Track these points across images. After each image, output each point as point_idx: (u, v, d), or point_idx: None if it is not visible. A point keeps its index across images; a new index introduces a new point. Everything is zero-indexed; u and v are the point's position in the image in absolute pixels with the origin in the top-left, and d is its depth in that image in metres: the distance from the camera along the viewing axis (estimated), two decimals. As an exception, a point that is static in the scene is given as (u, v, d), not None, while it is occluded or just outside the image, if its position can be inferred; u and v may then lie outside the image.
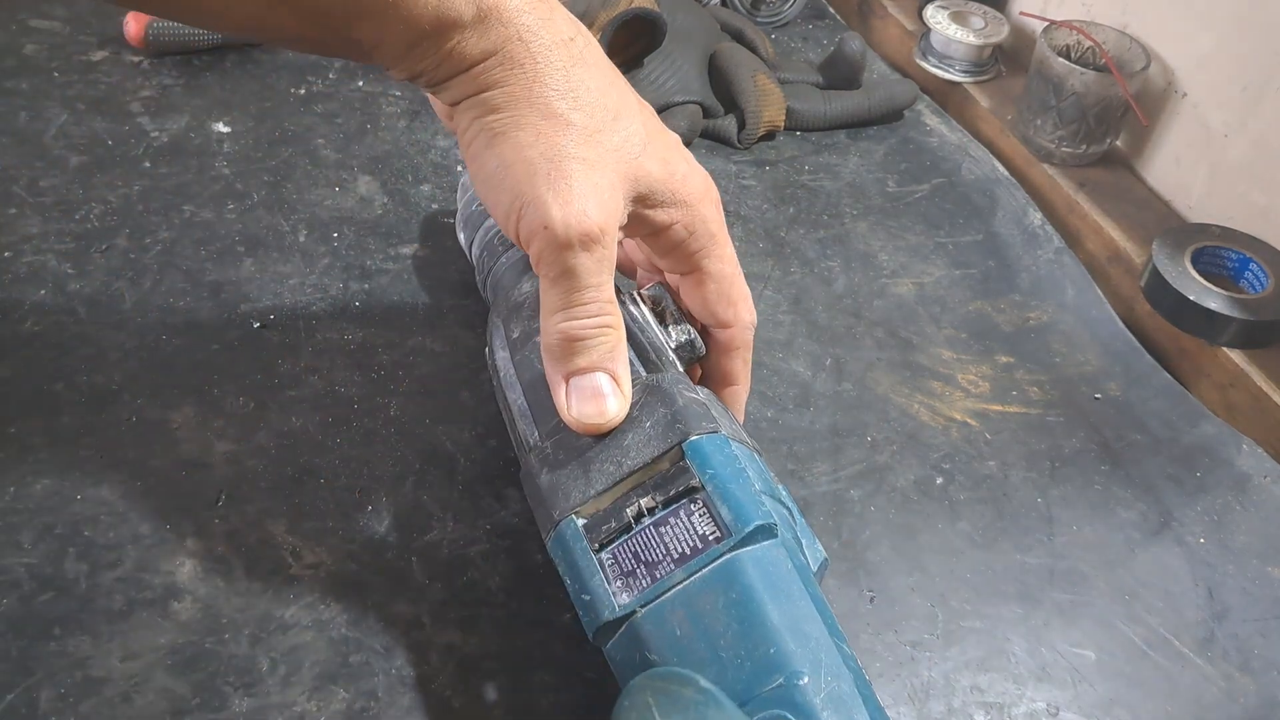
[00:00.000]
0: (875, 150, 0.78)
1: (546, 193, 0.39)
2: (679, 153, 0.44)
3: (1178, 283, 0.63)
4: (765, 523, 0.37)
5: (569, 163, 0.39)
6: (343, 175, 0.68)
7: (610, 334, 0.41)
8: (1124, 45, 0.73)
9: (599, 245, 0.39)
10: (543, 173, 0.39)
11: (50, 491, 0.47)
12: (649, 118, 0.44)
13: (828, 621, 0.36)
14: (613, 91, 0.42)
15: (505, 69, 0.39)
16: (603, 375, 0.41)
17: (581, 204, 0.39)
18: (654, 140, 0.43)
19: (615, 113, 0.41)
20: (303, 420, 0.52)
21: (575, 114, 0.40)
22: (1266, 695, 0.46)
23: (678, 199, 0.43)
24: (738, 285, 0.46)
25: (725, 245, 0.45)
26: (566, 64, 0.40)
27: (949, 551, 0.51)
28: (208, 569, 0.46)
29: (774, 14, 0.90)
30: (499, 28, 0.39)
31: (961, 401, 0.59)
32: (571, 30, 0.41)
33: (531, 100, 0.39)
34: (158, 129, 0.70)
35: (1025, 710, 0.45)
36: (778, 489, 0.41)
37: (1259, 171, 0.67)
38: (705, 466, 0.38)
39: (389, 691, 0.42)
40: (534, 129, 0.39)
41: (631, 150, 0.41)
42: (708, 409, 0.41)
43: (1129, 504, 0.54)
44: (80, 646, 0.42)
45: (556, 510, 0.40)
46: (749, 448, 0.41)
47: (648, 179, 0.42)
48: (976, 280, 0.67)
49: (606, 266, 0.40)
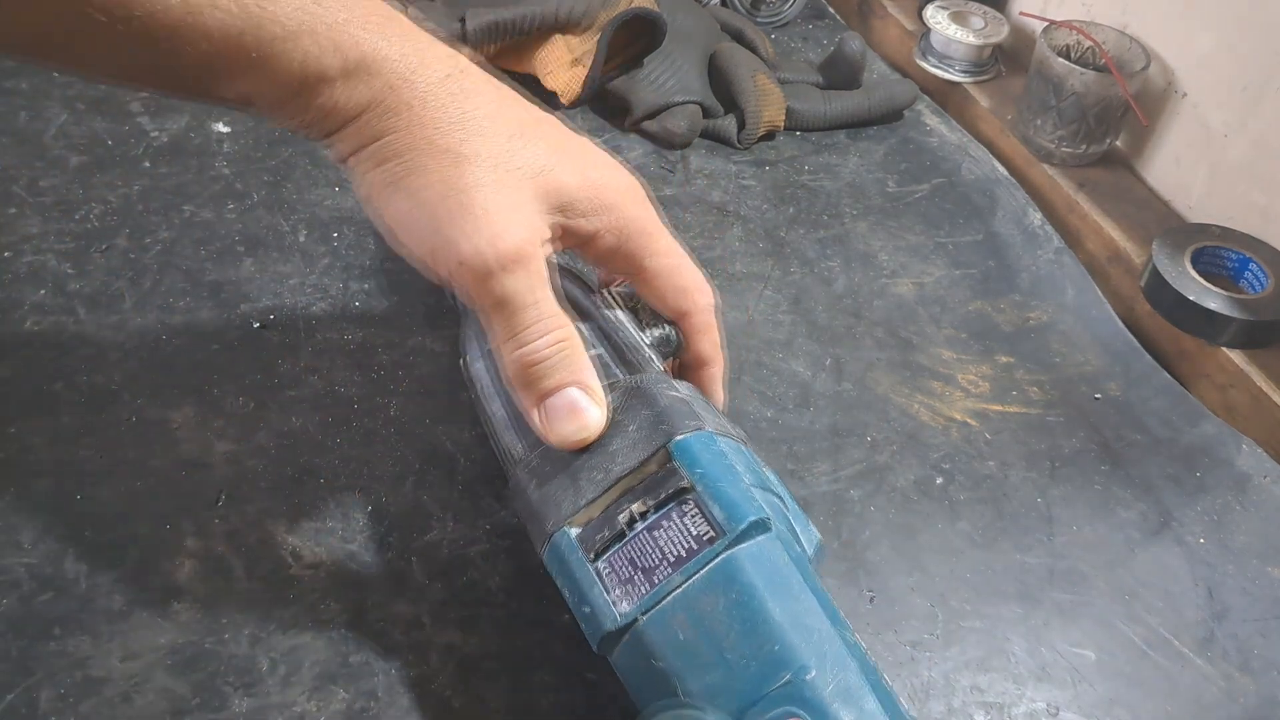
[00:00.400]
0: (875, 150, 0.78)
1: (451, 231, 0.38)
2: (594, 157, 0.43)
3: (1178, 283, 0.63)
4: (759, 517, 0.37)
5: (470, 194, 0.38)
6: (342, 175, 0.68)
7: (566, 346, 0.40)
8: (1124, 45, 0.73)
9: (522, 265, 0.39)
10: (444, 213, 0.38)
11: (50, 491, 0.47)
12: (553, 130, 0.42)
13: (829, 611, 0.36)
14: (507, 113, 0.41)
15: (387, 118, 0.38)
16: (573, 390, 0.40)
17: (491, 230, 0.38)
18: (564, 151, 0.42)
19: (514, 133, 0.40)
20: (303, 420, 0.52)
21: (468, 145, 0.39)
22: (1266, 695, 0.46)
23: (600, 205, 0.42)
24: (685, 273, 0.45)
25: (660, 238, 0.44)
26: (449, 99, 0.39)
27: (949, 551, 0.51)
28: (208, 569, 0.46)
29: (774, 14, 0.90)
30: (370, 79, 0.38)
31: (961, 401, 0.59)
32: (449, 66, 0.40)
33: (420, 144, 0.38)
34: (158, 129, 0.70)
35: (1025, 710, 0.45)
36: (767, 477, 0.41)
37: (1259, 171, 0.67)
38: (694, 466, 0.38)
39: (389, 691, 0.42)
40: (428, 172, 0.38)
41: (539, 165, 0.40)
42: (690, 406, 0.41)
43: (1129, 504, 0.54)
44: (80, 646, 0.42)
45: (549, 523, 0.39)
46: (735, 439, 0.41)
47: (564, 191, 0.41)
48: (976, 280, 0.67)
49: (539, 282, 0.39)
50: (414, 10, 0.45)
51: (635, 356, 0.44)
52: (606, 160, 0.44)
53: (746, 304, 0.63)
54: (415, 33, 0.39)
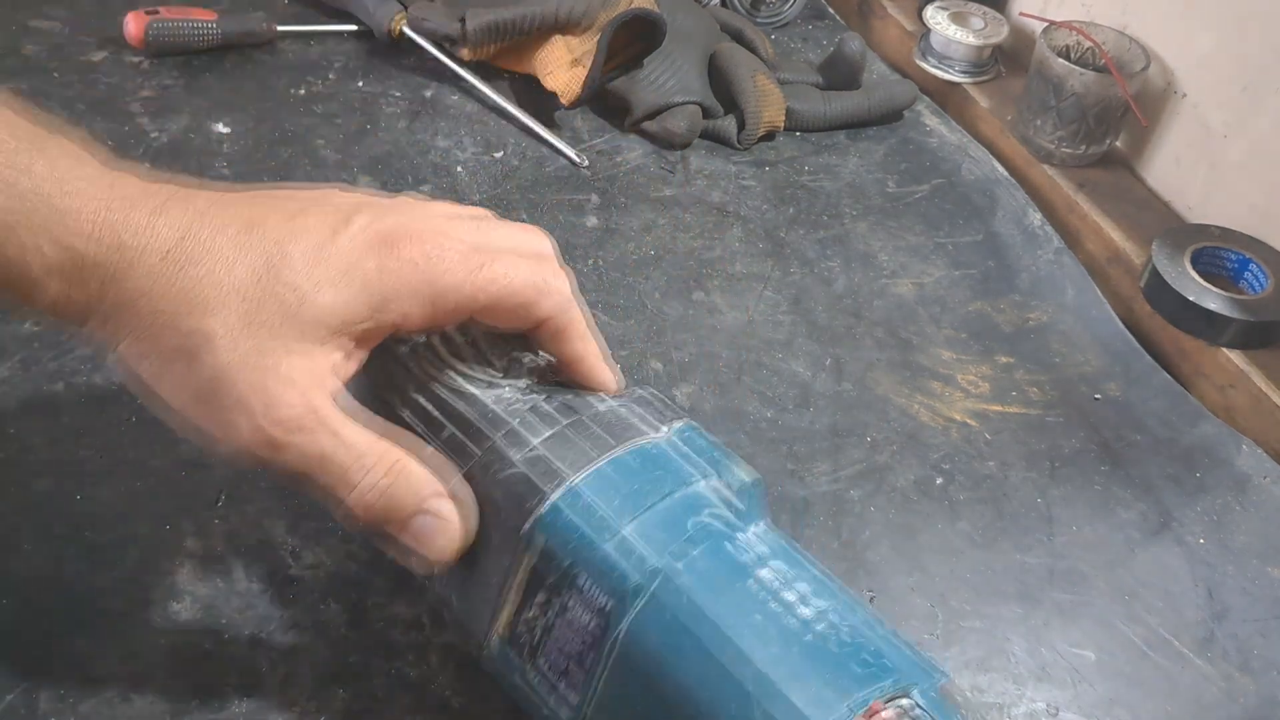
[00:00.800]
0: (875, 151, 0.78)
1: (224, 418, 0.35)
2: (361, 247, 0.37)
3: (1177, 283, 0.63)
4: (637, 582, 0.34)
5: (228, 377, 0.35)
6: (343, 176, 0.68)
7: (393, 475, 0.36)
8: (1123, 46, 0.73)
9: (310, 422, 0.35)
10: (210, 405, 0.35)
11: (50, 491, 0.47)
12: (310, 239, 0.36)
13: (756, 632, 0.33)
14: (246, 257, 0.36)
15: (118, 316, 0.35)
16: (417, 519, 0.36)
17: (261, 405, 0.35)
18: (324, 262, 0.36)
19: (259, 274, 0.35)
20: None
21: (207, 323, 0.35)
22: (1266, 695, 0.46)
23: (381, 299, 0.36)
24: (519, 287, 0.38)
25: (471, 268, 0.37)
26: (175, 276, 0.35)
27: (949, 551, 0.51)
28: (208, 569, 0.46)
29: (774, 14, 0.91)
30: (85, 283, 0.35)
31: (961, 402, 0.59)
32: (175, 234, 0.35)
33: (160, 338, 0.35)
34: (158, 129, 0.70)
35: (1025, 710, 0.45)
36: (657, 452, 0.37)
37: (1258, 172, 0.67)
38: (563, 544, 0.35)
39: (389, 691, 0.42)
40: (178, 366, 0.35)
41: (294, 301, 0.35)
42: (546, 461, 0.37)
43: (1129, 504, 0.54)
44: (80, 646, 0.42)
45: (477, 636, 0.38)
46: (606, 453, 0.37)
47: (333, 312, 0.36)
48: (976, 280, 0.67)
49: (336, 427, 0.36)
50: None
51: (481, 418, 0.39)
52: (382, 232, 0.37)
53: (746, 304, 0.63)
54: (138, 202, 0.35)
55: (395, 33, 0.78)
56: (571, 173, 0.72)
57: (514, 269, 0.38)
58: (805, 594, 0.34)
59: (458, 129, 0.74)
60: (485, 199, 0.68)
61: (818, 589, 0.35)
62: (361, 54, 0.80)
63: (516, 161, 0.72)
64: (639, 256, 0.66)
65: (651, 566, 0.34)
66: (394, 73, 0.78)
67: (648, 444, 0.38)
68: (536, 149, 0.73)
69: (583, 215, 0.68)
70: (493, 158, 0.72)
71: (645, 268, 0.65)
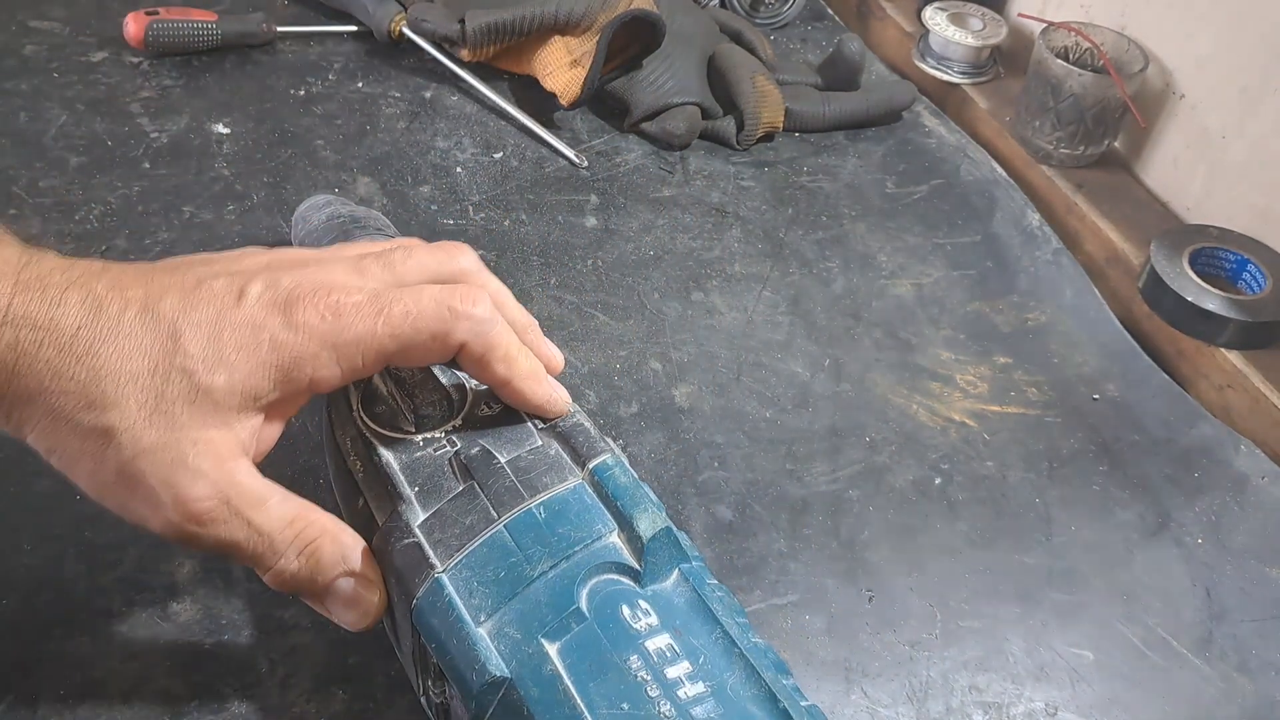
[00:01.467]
0: (874, 151, 0.78)
1: (138, 510, 0.35)
2: (268, 315, 0.36)
3: (1176, 284, 0.63)
4: (484, 685, 0.32)
5: (134, 470, 0.35)
6: (342, 176, 0.68)
7: (307, 558, 0.37)
8: (1122, 47, 0.73)
9: (223, 510, 0.35)
10: (121, 498, 0.35)
11: (50, 491, 0.47)
12: (212, 308, 0.36)
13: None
14: (149, 334, 0.35)
15: (21, 409, 0.35)
16: (340, 583, 0.37)
17: (171, 498, 0.35)
18: (225, 336, 0.35)
19: (163, 351, 0.35)
20: (302, 420, 0.52)
21: (111, 415, 0.34)
22: (1264, 695, 0.47)
23: (293, 367, 0.36)
24: (428, 317, 0.37)
25: (370, 316, 0.36)
26: (78, 363, 0.34)
27: (947, 551, 0.51)
28: (208, 569, 0.46)
29: (773, 15, 0.91)
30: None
31: (960, 402, 0.59)
32: (77, 316, 0.34)
33: (65, 431, 0.35)
34: (157, 130, 0.70)
35: (1024, 710, 0.45)
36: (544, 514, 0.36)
37: (1257, 173, 0.67)
38: (429, 638, 0.35)
39: (388, 692, 0.42)
40: (86, 461, 0.35)
41: (196, 384, 0.35)
42: (417, 549, 0.36)
43: (1127, 504, 0.54)
44: (80, 647, 0.42)
45: (414, 687, 0.39)
46: (487, 528, 0.36)
47: (244, 388, 0.36)
48: (975, 281, 0.67)
49: (250, 506, 0.36)
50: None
51: (388, 486, 0.38)
52: (277, 298, 0.36)
53: (745, 305, 0.63)
54: (39, 294, 0.34)
55: (395, 33, 0.79)
56: (571, 173, 0.72)
57: (418, 304, 0.37)
58: (689, 672, 0.33)
59: (457, 130, 0.74)
60: (485, 199, 0.68)
61: (707, 662, 0.33)
62: (361, 55, 0.80)
63: (516, 162, 0.72)
64: (638, 257, 0.66)
65: (494, 676, 0.32)
66: (393, 73, 0.79)
67: (552, 498, 0.36)
68: (536, 150, 0.73)
69: (582, 216, 0.68)
70: (492, 158, 0.72)
71: (644, 268, 0.65)
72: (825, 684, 0.45)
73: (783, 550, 0.50)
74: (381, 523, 0.38)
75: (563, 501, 0.37)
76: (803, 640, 0.46)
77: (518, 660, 0.33)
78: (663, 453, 0.54)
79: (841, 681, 0.45)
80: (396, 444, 0.40)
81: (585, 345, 0.59)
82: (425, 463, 0.39)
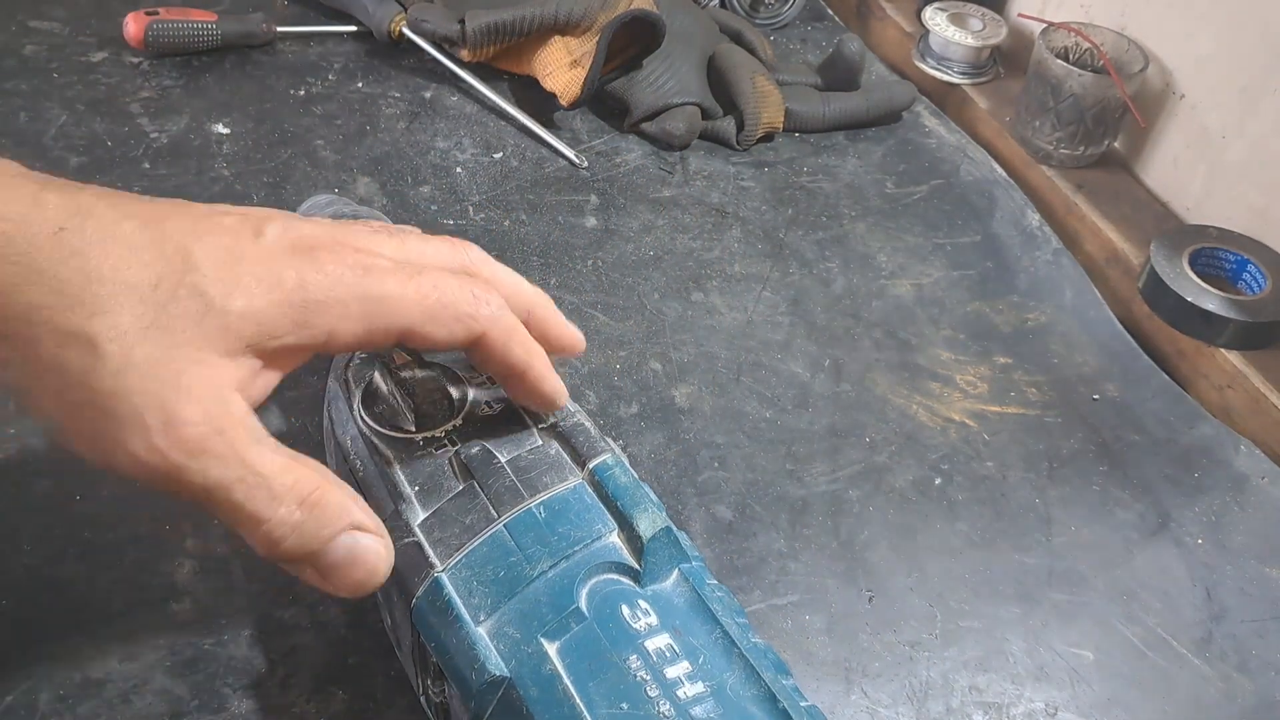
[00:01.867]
0: (874, 152, 0.78)
1: (116, 434, 0.31)
2: (278, 255, 0.33)
3: (1176, 284, 0.63)
4: (493, 676, 0.32)
5: (119, 385, 0.30)
6: (342, 176, 0.68)
7: (310, 510, 0.33)
8: (1122, 47, 0.73)
9: (216, 442, 0.31)
10: (97, 417, 0.31)
11: (50, 491, 0.47)
12: (221, 240, 0.33)
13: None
14: (149, 250, 0.32)
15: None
16: (343, 538, 0.33)
17: (160, 421, 0.30)
18: (236, 265, 0.33)
19: (161, 274, 0.31)
20: (302, 420, 0.52)
21: (100, 321, 0.30)
22: (1264, 695, 0.47)
23: (304, 314, 0.33)
24: (449, 288, 0.36)
25: (393, 287, 0.34)
26: (65, 261, 0.31)
27: (947, 552, 0.51)
28: (208, 569, 0.46)
29: (773, 15, 0.91)
30: None
31: (960, 402, 0.59)
32: (62, 215, 0.31)
33: (43, 334, 0.30)
34: (157, 130, 0.70)
35: (1023, 710, 0.45)
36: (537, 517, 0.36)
37: (1257, 173, 0.67)
38: (429, 638, 0.34)
39: (388, 692, 0.42)
40: (63, 371, 0.31)
41: (200, 306, 0.32)
42: (419, 548, 0.36)
43: (1127, 504, 0.54)
44: (80, 647, 0.42)
45: (414, 686, 0.39)
46: (488, 527, 0.36)
47: (245, 319, 0.32)
48: (975, 281, 0.67)
49: (246, 446, 0.32)
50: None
51: (389, 487, 0.38)
52: (301, 241, 0.34)
53: (745, 305, 0.63)
54: (11, 186, 0.31)
55: (395, 34, 0.79)
56: (571, 173, 0.72)
57: (445, 281, 0.36)
58: (689, 672, 0.33)
59: (457, 130, 0.74)
60: (485, 200, 0.68)
61: (707, 662, 0.33)
62: (361, 55, 0.80)
63: (516, 162, 0.72)
64: (638, 257, 0.66)
65: (493, 675, 0.32)
66: (393, 74, 0.79)
67: (552, 498, 0.36)
68: (536, 150, 0.73)
69: (582, 216, 0.68)
70: (492, 159, 0.72)
71: (644, 268, 0.65)
72: (825, 684, 0.45)
73: (782, 550, 0.50)
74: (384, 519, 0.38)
75: (563, 501, 0.37)
76: (803, 640, 0.46)
77: (517, 660, 0.33)
78: (663, 453, 0.54)
79: (841, 682, 0.45)
80: (396, 443, 0.40)
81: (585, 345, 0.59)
82: (425, 462, 0.39)
